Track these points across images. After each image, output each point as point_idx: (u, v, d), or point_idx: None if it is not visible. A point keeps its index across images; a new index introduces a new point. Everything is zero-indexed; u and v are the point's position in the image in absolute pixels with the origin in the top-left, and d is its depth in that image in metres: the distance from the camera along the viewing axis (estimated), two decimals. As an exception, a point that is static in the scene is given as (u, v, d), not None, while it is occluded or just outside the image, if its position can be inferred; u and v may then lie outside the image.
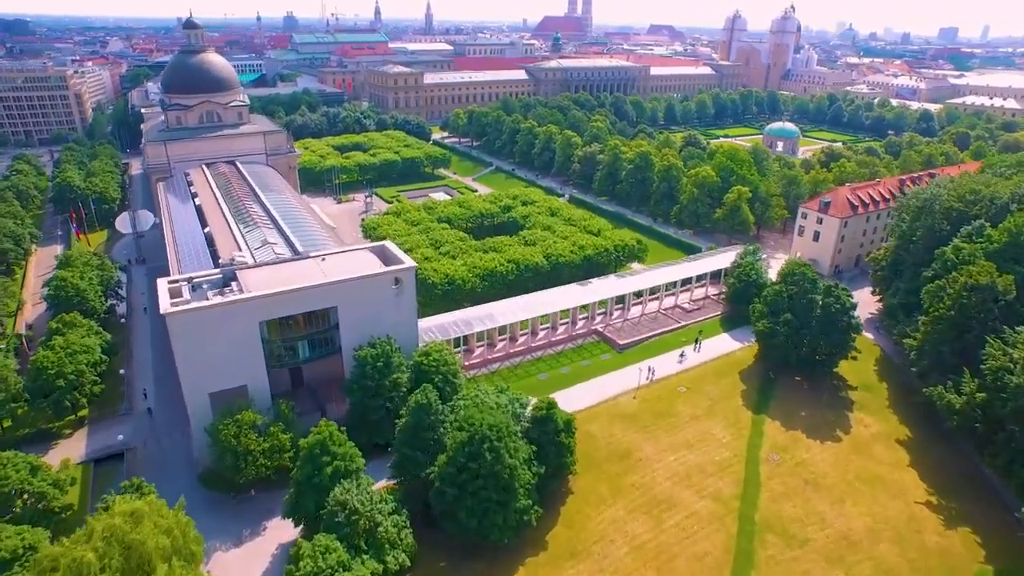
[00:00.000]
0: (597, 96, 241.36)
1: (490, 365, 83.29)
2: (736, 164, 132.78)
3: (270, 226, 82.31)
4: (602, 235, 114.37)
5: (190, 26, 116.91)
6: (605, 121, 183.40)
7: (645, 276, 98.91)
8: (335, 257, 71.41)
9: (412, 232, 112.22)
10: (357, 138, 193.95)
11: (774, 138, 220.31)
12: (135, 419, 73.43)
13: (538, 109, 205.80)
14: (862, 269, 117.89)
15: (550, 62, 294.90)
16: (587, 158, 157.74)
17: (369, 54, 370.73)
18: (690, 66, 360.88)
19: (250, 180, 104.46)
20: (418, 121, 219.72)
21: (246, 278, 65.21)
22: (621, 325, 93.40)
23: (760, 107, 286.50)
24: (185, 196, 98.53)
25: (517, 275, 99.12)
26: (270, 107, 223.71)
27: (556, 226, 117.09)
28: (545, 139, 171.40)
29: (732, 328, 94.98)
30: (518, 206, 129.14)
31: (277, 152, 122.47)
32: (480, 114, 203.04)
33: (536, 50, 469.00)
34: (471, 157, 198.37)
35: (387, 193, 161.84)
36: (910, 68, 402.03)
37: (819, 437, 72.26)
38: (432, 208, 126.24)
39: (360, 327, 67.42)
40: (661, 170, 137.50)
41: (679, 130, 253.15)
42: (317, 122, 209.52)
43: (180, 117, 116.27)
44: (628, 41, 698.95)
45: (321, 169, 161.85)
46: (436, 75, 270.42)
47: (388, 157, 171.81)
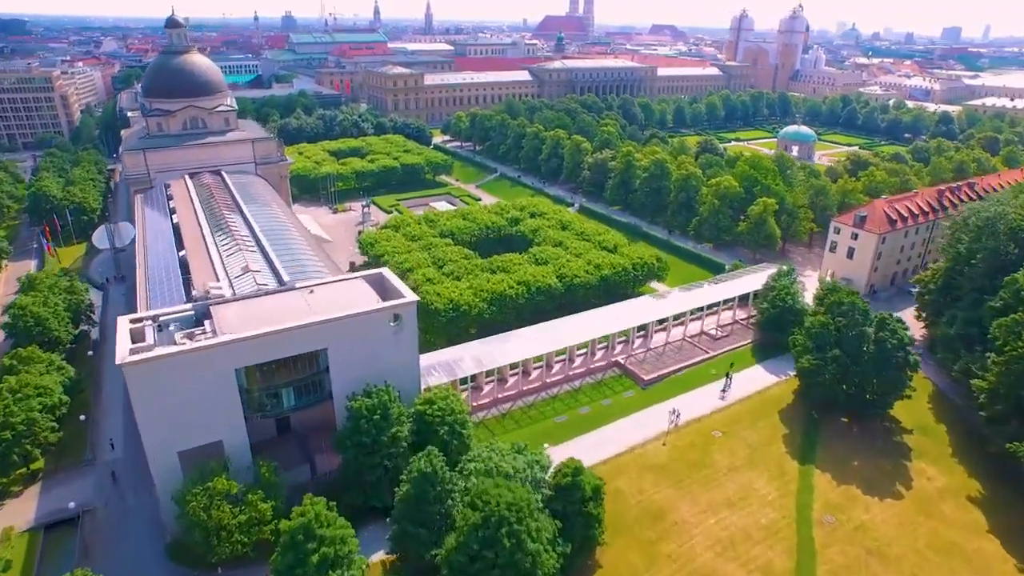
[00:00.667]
0: (604, 98, 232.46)
1: (501, 405, 74.38)
2: (760, 173, 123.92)
3: (253, 248, 73.36)
4: (619, 251, 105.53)
5: (172, 24, 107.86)
6: (615, 125, 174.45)
7: (669, 301, 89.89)
8: (325, 288, 62.48)
9: (412, 249, 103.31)
10: (354, 143, 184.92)
11: (789, 142, 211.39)
12: (98, 472, 64.46)
13: (544, 112, 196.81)
14: (899, 288, 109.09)
15: (554, 63, 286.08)
16: (598, 165, 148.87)
17: (368, 54, 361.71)
18: (697, 67, 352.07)
19: (235, 193, 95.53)
20: (418, 124, 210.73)
21: (221, 315, 56.30)
22: (644, 356, 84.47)
23: (771, 109, 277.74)
24: (163, 211, 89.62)
25: (528, 299, 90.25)
26: (264, 109, 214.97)
27: (568, 241, 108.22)
28: (552, 144, 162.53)
29: (765, 358, 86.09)
30: (526, 218, 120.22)
31: (267, 160, 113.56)
32: (483, 117, 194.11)
33: (538, 50, 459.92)
34: (474, 163, 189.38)
35: (386, 202, 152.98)
36: (921, 69, 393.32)
37: (877, 493, 63.38)
38: (434, 221, 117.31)
39: (354, 371, 58.57)
40: (679, 179, 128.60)
41: (688, 133, 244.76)
42: (313, 126, 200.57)
43: (162, 123, 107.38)
44: (630, 41, 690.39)
45: (316, 177, 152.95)
46: (437, 76, 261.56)
47: (387, 163, 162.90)
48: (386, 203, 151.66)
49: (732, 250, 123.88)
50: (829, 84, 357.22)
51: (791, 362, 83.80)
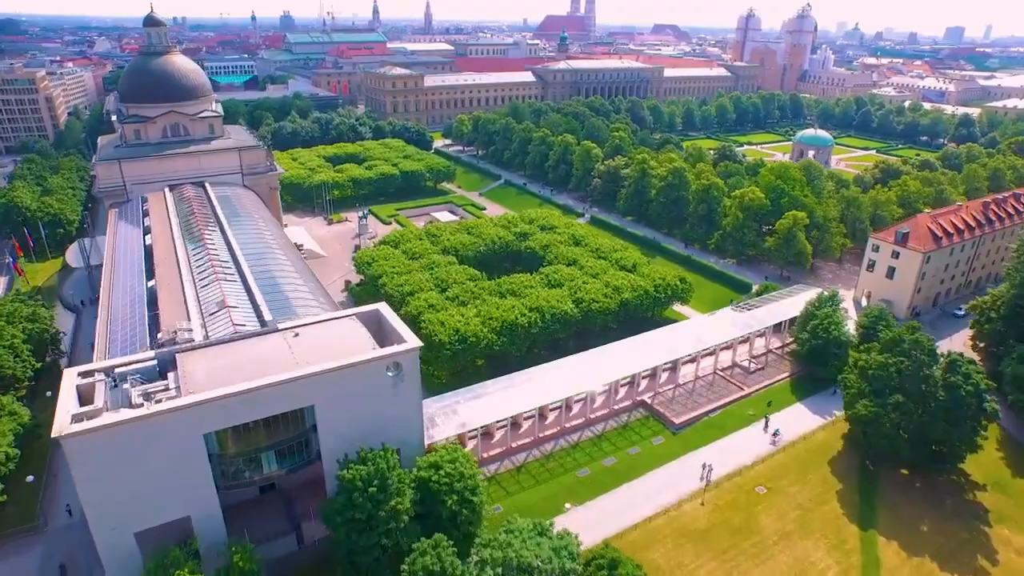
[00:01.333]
0: (612, 100, 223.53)
1: (515, 456, 65.53)
2: (787, 183, 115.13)
3: (232, 277, 64.50)
4: (638, 271, 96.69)
5: (151, 23, 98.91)
6: (627, 130, 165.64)
7: (699, 330, 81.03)
8: (313, 330, 53.62)
9: (413, 268, 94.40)
10: (351, 148, 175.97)
11: (805, 146, 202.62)
12: (49, 542, 55.56)
13: (550, 116, 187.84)
14: (943, 310, 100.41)
15: (559, 63, 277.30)
16: (609, 173, 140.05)
17: (366, 54, 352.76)
18: (704, 67, 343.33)
19: (217, 208, 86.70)
20: (418, 128, 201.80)
21: (189, 367, 47.50)
22: (672, 394, 75.67)
23: (782, 111, 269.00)
24: (136, 230, 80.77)
25: (542, 327, 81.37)
26: (257, 112, 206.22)
27: (583, 259, 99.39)
28: (561, 151, 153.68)
29: (806, 395, 77.38)
30: (536, 232, 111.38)
31: (255, 170, 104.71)
32: (486, 121, 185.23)
33: (540, 50, 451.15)
34: (477, 169, 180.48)
35: (385, 211, 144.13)
36: (933, 69, 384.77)
37: (956, 568, 54.58)
38: (436, 235, 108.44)
39: (346, 430, 49.86)
40: (698, 190, 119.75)
41: (698, 136, 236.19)
42: (308, 129, 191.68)
43: (140, 131, 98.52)
44: (633, 41, 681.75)
45: (310, 185, 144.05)
46: (437, 77, 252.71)
47: (386, 170, 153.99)
48: (385, 213, 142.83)
49: (757, 266, 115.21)
50: (839, 85, 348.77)
51: (836, 400, 75.59)
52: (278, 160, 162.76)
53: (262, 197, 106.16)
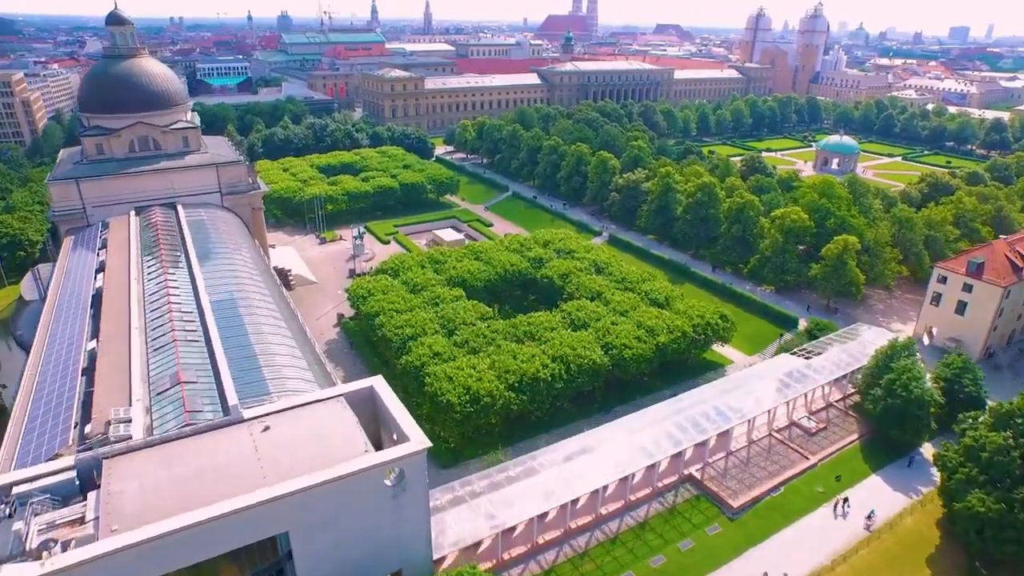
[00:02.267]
0: (623, 104, 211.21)
1: (541, 554, 53.24)
2: (832, 202, 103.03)
3: (195, 334, 52.28)
4: (671, 306, 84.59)
5: (115, 21, 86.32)
6: (645, 139, 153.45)
7: (752, 383, 68.75)
8: (288, 419, 41.42)
9: (414, 304, 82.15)
10: (347, 156, 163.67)
11: (829, 154, 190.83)
12: None
13: (560, 122, 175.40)
14: (1021, 349, 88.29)
15: (565, 65, 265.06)
16: (629, 188, 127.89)
17: (364, 55, 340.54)
18: (715, 69, 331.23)
19: (187, 237, 74.55)
20: (418, 134, 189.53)
21: (118, 482, 35.37)
22: (724, 465, 63.49)
23: (799, 115, 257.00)
24: (88, 267, 68.44)
25: (567, 380, 69.23)
26: (248, 118, 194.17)
27: (607, 291, 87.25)
28: (574, 161, 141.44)
29: (881, 464, 65.24)
30: (552, 257, 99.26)
31: (235, 189, 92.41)
32: (492, 128, 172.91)
33: (543, 50, 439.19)
34: (482, 179, 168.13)
35: (383, 228, 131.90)
36: (950, 70, 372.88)
37: None
38: (441, 261, 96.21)
39: (331, 556, 37.75)
40: (732, 209, 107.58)
41: (714, 141, 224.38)
42: (302, 136, 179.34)
43: (102, 144, 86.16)
44: (636, 41, 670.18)
45: (301, 200, 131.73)
46: (438, 80, 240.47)
47: (384, 183, 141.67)
48: (383, 230, 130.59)
49: (797, 295, 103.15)
50: (853, 87, 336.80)
51: (917, 472, 63.73)
52: (268, 170, 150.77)
53: (244, 218, 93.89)
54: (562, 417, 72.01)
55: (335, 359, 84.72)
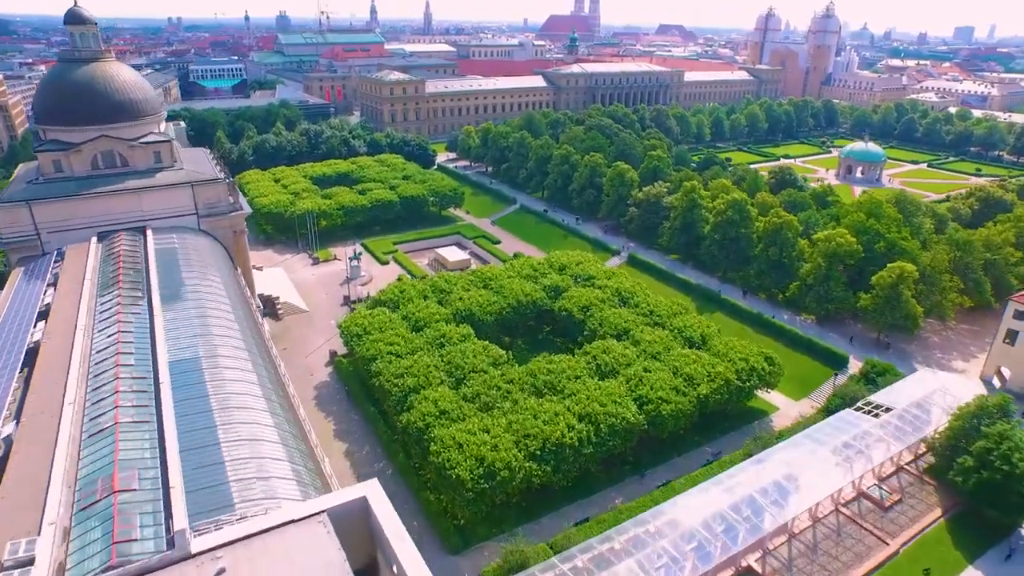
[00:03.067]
0: (635, 109, 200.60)
1: None
2: (881, 223, 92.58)
3: (145, 413, 41.75)
4: (709, 345, 74.25)
5: (75, 20, 75.61)
6: (664, 148, 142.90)
7: (812, 452, 57.98)
8: (250, 552, 30.84)
9: (416, 345, 71.67)
10: (343, 166, 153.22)
11: (853, 162, 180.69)
12: None
13: (571, 129, 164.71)
14: (1105, 396, 77.78)
15: (571, 67, 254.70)
16: (649, 203, 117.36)
17: (362, 57, 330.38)
18: (725, 71, 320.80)
19: (153, 271, 64.03)
20: (419, 141, 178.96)
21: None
22: (788, 554, 52.92)
23: (816, 119, 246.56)
24: (28, 312, 57.81)
25: (597, 444, 58.79)
26: (239, 123, 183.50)
27: (635, 327, 76.81)
28: (588, 173, 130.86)
29: (976, 551, 54.62)
30: (570, 286, 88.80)
31: (214, 210, 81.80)
32: (498, 135, 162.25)
33: (546, 51, 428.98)
34: (488, 190, 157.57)
35: (381, 246, 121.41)
36: (966, 71, 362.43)
37: None
38: (446, 291, 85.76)
39: None
40: (768, 230, 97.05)
41: (728, 147, 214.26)
42: (295, 143, 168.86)
43: (61, 161, 75.60)
44: (640, 42, 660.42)
45: (292, 215, 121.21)
46: (440, 83, 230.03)
47: (382, 196, 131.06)
48: (381, 248, 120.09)
49: (841, 325, 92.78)
50: (867, 89, 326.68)
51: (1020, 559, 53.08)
52: (257, 181, 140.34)
53: (225, 243, 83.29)
54: (589, 483, 61.69)
55: (326, 406, 74.38)
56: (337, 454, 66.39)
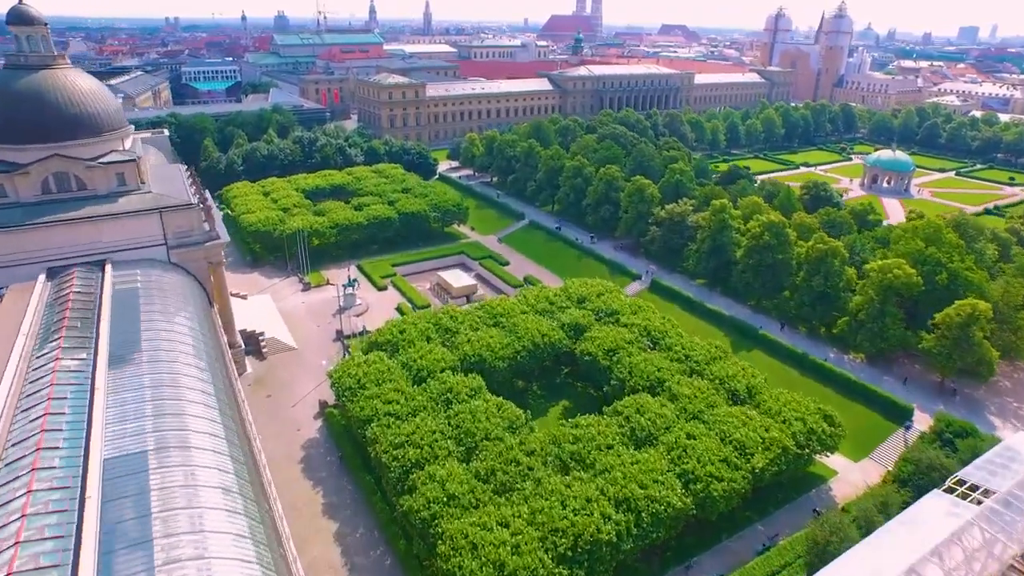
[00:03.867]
0: (648, 114, 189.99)
1: None
2: (941, 251, 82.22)
3: (56, 551, 31.28)
4: (758, 400, 64.13)
5: (20, 20, 64.67)
6: (686, 160, 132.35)
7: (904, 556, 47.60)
8: None
9: (419, 401, 61.30)
10: (338, 177, 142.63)
11: (880, 171, 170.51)
12: None
13: (583, 138, 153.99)
14: None
15: (577, 69, 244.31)
16: (672, 221, 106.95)
17: (360, 58, 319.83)
18: (735, 73, 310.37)
19: (106, 317, 53.80)
20: (419, 149, 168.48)
21: None
22: None
23: (833, 124, 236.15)
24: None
25: (638, 536, 48.44)
26: (229, 129, 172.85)
27: (671, 378, 66.52)
28: (603, 187, 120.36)
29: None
30: (591, 322, 78.55)
31: (186, 240, 71.34)
32: (504, 144, 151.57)
33: (549, 52, 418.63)
34: (493, 203, 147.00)
35: (379, 268, 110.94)
36: (983, 73, 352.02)
37: None
38: (452, 330, 75.39)
39: None
40: (811, 258, 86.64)
41: (745, 154, 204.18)
42: (288, 152, 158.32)
43: (4, 185, 65.17)
44: (643, 42, 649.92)
45: (282, 234, 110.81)
46: (440, 86, 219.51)
47: (380, 212, 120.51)
48: (379, 271, 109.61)
49: (895, 365, 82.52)
50: (881, 92, 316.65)
51: None
52: (246, 195, 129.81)
53: (199, 277, 72.79)
54: (627, 578, 51.35)
55: (314, 472, 63.91)
56: (325, 537, 55.98)
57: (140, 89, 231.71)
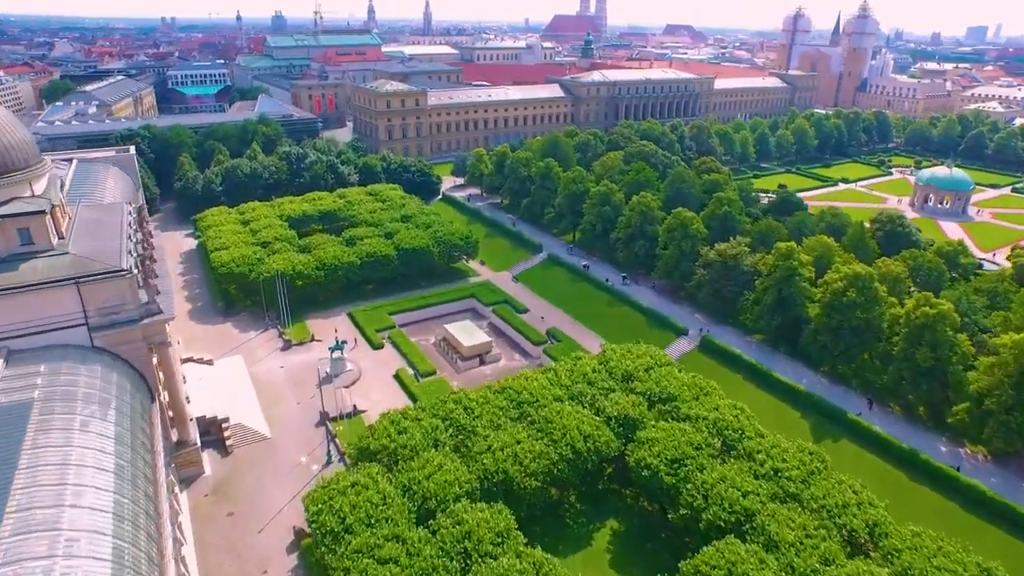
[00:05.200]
0: (672, 126, 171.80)
1: None
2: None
3: None
4: (887, 545, 46.81)
5: None
6: (733, 188, 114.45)
7: None
8: None
9: (425, 557, 43.93)
10: (328, 201, 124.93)
11: (933, 190, 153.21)
12: None
13: (607, 156, 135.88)
14: None
15: (591, 74, 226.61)
16: (725, 265, 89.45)
17: (358, 60, 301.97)
18: (755, 77, 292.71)
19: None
20: (420, 166, 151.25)
21: None
22: None
23: (868, 134, 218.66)
24: None
25: None
26: (209, 143, 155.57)
27: (758, 506, 49.50)
28: (637, 219, 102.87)
29: None
30: (643, 412, 61.29)
31: (115, 318, 53.82)
32: (517, 163, 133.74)
33: (555, 54, 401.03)
34: (506, 231, 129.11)
35: (373, 319, 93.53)
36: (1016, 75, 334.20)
37: None
38: (466, 428, 58.14)
39: None
40: (914, 325, 69.07)
41: (775, 168, 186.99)
42: (273, 170, 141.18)
43: None
44: (648, 43, 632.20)
45: (259, 277, 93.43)
46: (443, 93, 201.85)
47: (376, 248, 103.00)
48: (374, 322, 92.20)
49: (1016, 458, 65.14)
50: (908, 96, 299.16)
51: None
52: (222, 224, 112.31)
53: (136, 364, 55.16)
54: None
55: (280, 651, 46.41)
56: None
57: (118, 96, 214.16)
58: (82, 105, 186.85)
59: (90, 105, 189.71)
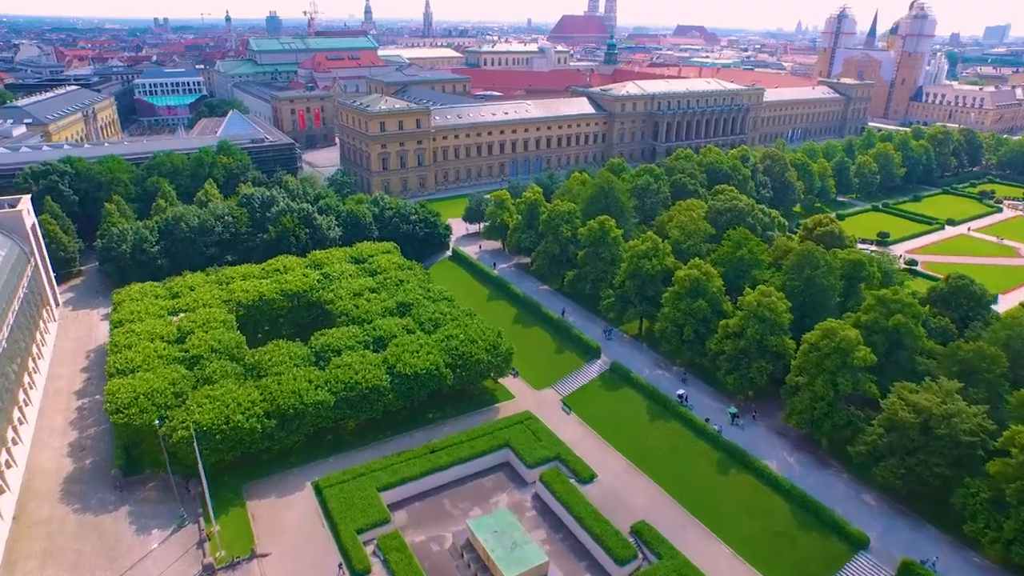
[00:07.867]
0: (743, 159, 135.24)
1: None
2: None
3: None
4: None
5: None
6: (876, 266, 79.27)
7: None
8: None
9: None
10: (297, 278, 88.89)
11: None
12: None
13: (667, 199, 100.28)
14: None
15: (625, 86, 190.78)
16: (928, 429, 53.92)
17: (350, 66, 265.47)
18: (803, 87, 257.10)
19: None
20: (425, 215, 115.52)
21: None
22: None
23: (957, 157, 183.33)
24: None
25: None
26: (151, 181, 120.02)
27: None
28: (756, 328, 67.23)
29: None
30: None
31: None
32: (557, 218, 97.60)
33: (569, 58, 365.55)
34: (543, 318, 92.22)
35: (353, 500, 58.87)
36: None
37: None
38: None
39: None
40: None
41: (858, 205, 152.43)
42: (228, 222, 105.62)
43: None
44: (661, 44, 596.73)
45: (170, 436, 58.16)
46: (450, 111, 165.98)
47: (362, 375, 66.91)
48: (355, 513, 56.95)
49: None
50: (975, 107, 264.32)
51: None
52: (135, 316, 76.65)
53: None
54: None
55: None
56: None
57: (62, 112, 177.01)
58: (7, 125, 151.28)
59: (18, 125, 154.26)
